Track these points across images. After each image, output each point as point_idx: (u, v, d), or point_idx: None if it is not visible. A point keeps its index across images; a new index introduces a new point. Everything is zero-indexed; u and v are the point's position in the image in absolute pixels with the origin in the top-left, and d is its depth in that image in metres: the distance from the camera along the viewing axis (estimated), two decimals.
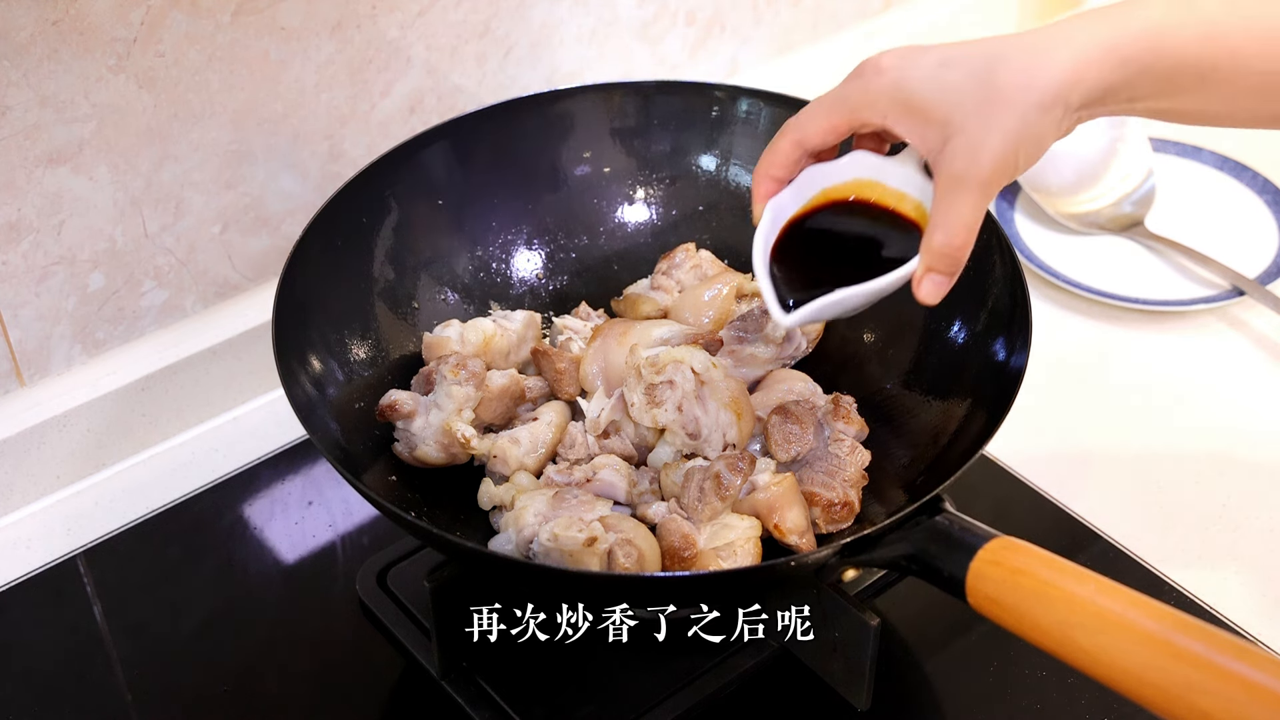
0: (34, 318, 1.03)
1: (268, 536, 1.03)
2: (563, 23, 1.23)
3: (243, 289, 1.14)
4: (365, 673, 0.94)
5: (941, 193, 0.76)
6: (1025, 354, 0.89)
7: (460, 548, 0.83)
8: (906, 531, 0.80)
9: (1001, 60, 0.74)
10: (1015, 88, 0.73)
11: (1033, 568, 0.73)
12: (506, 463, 0.92)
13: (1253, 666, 0.64)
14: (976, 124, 0.74)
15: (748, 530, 0.87)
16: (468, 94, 1.20)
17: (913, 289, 0.79)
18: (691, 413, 0.90)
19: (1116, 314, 1.21)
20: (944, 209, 0.76)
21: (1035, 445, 1.08)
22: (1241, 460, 1.08)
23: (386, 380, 0.99)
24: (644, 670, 0.91)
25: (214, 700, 0.92)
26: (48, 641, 0.96)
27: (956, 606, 0.76)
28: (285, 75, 1.07)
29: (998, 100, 0.73)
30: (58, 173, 0.99)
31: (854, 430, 0.93)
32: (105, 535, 1.03)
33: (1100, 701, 0.89)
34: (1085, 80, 0.74)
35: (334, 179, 1.13)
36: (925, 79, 0.75)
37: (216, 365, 1.11)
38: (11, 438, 1.03)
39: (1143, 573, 0.98)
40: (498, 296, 1.08)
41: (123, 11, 0.97)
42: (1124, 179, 1.30)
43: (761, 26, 1.39)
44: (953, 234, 0.76)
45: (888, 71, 0.76)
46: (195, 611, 0.98)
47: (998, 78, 0.73)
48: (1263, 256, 1.24)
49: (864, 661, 0.84)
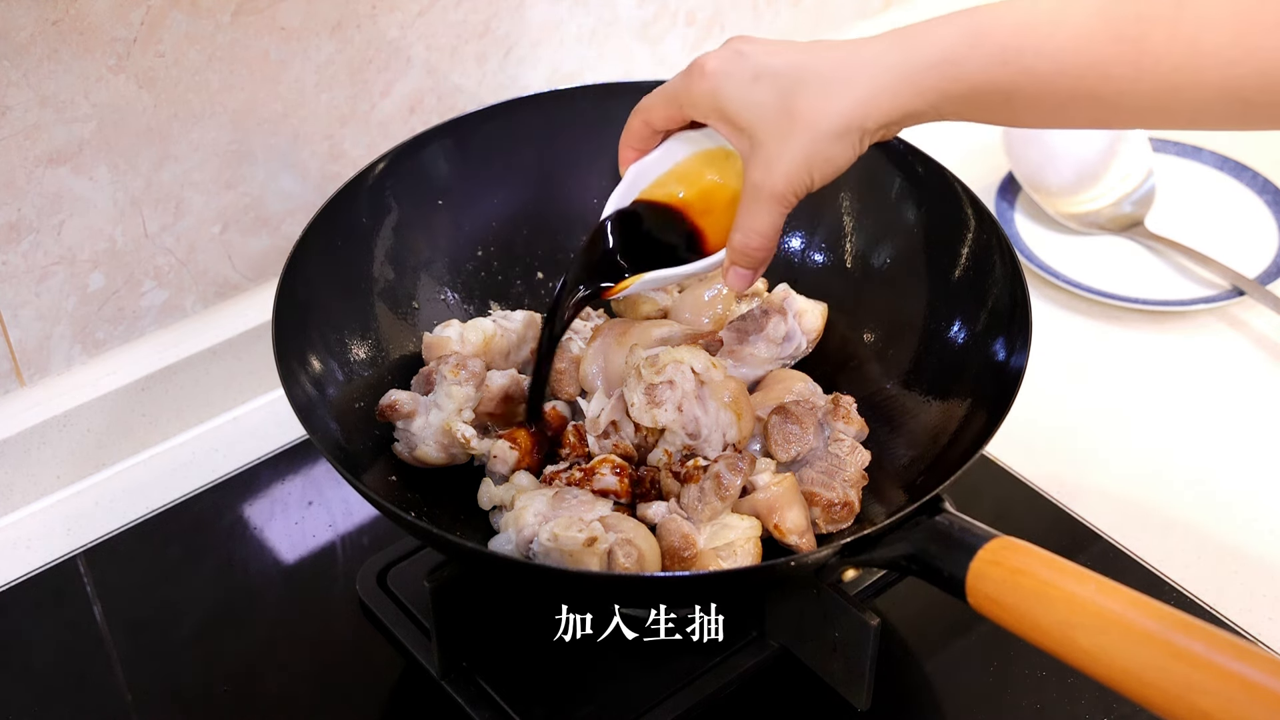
0: (34, 318, 1.03)
1: (268, 536, 1.03)
2: (563, 23, 1.23)
3: (243, 289, 1.14)
4: (365, 673, 0.94)
5: (744, 198, 0.81)
6: (1025, 354, 0.89)
7: (460, 548, 0.83)
8: (906, 531, 0.80)
9: (803, 85, 0.78)
10: (811, 114, 0.77)
11: (1033, 568, 0.73)
12: (506, 463, 0.92)
13: (1253, 666, 0.64)
14: (775, 142, 0.78)
15: (748, 530, 0.87)
16: (468, 94, 1.20)
17: (722, 276, 0.86)
18: (691, 413, 0.90)
19: (1116, 314, 1.21)
20: (744, 213, 0.82)
21: (1035, 445, 1.08)
22: (1241, 460, 1.08)
23: (386, 380, 0.99)
24: (644, 670, 0.91)
25: (214, 700, 0.92)
26: (48, 641, 0.96)
27: (956, 606, 0.76)
28: (285, 75, 1.07)
29: (794, 124, 0.78)
30: (58, 173, 0.99)
31: (854, 430, 0.93)
32: (105, 535, 1.03)
33: (1100, 701, 0.89)
34: (880, 108, 0.77)
35: (334, 179, 1.13)
36: (737, 92, 0.80)
37: (216, 365, 1.11)
38: (11, 438, 1.03)
39: (1143, 573, 0.98)
40: (498, 296, 1.08)
41: (123, 11, 0.97)
42: (1124, 179, 1.30)
43: (761, 26, 1.39)
44: (749, 237, 0.82)
45: (709, 77, 0.81)
46: (195, 611, 0.98)
47: (797, 103, 0.77)
48: (1263, 256, 1.24)
49: (864, 661, 0.84)
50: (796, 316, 1.02)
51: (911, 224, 1.04)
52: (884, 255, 1.05)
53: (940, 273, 1.01)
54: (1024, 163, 1.31)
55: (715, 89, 0.80)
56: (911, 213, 1.04)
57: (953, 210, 1.01)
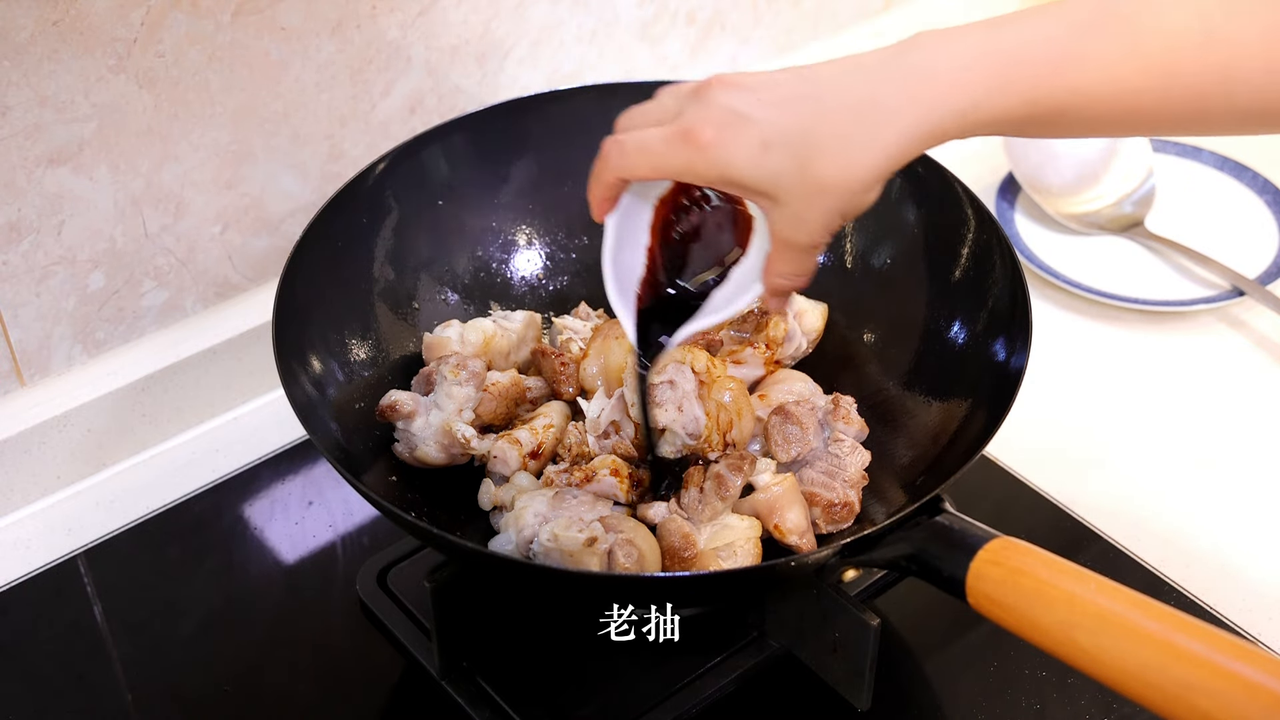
0: (34, 318, 1.03)
1: (268, 536, 1.03)
2: (563, 23, 1.23)
3: (243, 289, 1.14)
4: (365, 673, 0.94)
5: (776, 248, 0.78)
6: (1025, 354, 0.89)
7: (460, 548, 0.83)
8: (907, 531, 0.80)
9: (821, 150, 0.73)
10: (837, 176, 0.73)
11: (1033, 568, 0.73)
12: (506, 463, 0.92)
13: (1253, 666, 0.64)
14: (800, 202, 0.75)
15: (748, 530, 0.87)
16: (468, 94, 1.20)
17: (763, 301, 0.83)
18: (691, 413, 0.90)
19: (1116, 314, 1.21)
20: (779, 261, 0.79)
21: (1035, 445, 1.08)
22: (1241, 460, 1.08)
23: (386, 380, 0.99)
24: (644, 670, 0.91)
25: (214, 700, 0.92)
26: (48, 641, 0.96)
27: (956, 606, 0.76)
28: (285, 75, 1.07)
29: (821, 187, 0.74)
30: (58, 173, 0.99)
31: (854, 430, 0.94)
32: (105, 535, 1.03)
33: (1100, 701, 0.89)
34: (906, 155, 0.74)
35: (334, 179, 1.13)
36: (748, 164, 0.74)
37: (216, 365, 1.11)
38: (11, 438, 1.03)
39: (1143, 573, 0.98)
40: (498, 297, 1.08)
41: (123, 11, 0.97)
42: (1124, 179, 1.30)
43: (761, 26, 1.39)
44: (789, 280, 0.79)
45: (710, 149, 0.74)
46: (195, 611, 0.98)
47: (819, 168, 0.73)
48: (1263, 256, 1.24)
49: (864, 662, 0.84)
50: (796, 316, 1.02)
51: (911, 224, 1.04)
52: (884, 255, 1.06)
53: (940, 273, 1.01)
54: (1024, 163, 1.31)
55: (722, 162, 0.74)
56: (911, 213, 1.04)
57: (953, 210, 1.01)
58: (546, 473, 0.92)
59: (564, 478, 0.90)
